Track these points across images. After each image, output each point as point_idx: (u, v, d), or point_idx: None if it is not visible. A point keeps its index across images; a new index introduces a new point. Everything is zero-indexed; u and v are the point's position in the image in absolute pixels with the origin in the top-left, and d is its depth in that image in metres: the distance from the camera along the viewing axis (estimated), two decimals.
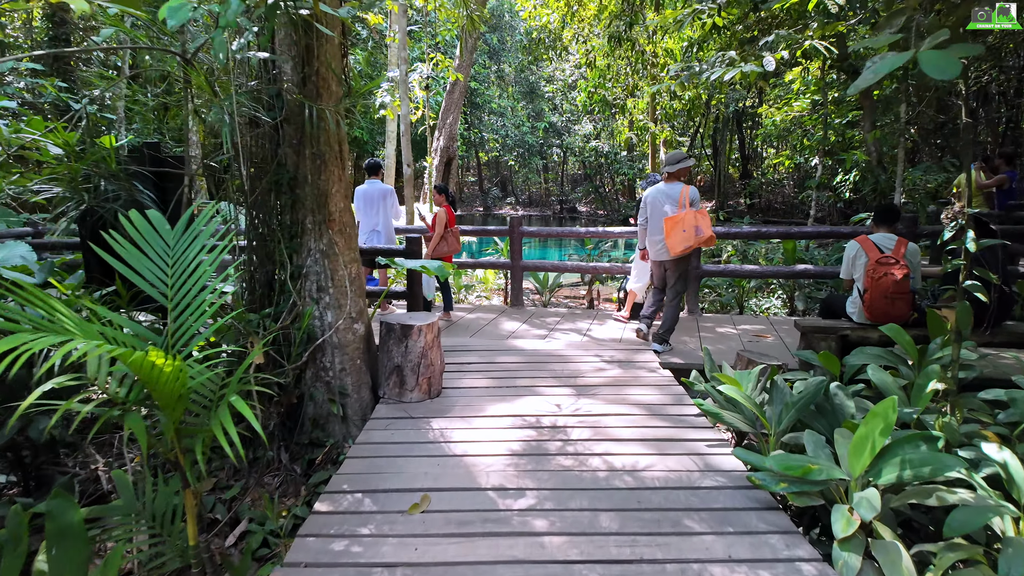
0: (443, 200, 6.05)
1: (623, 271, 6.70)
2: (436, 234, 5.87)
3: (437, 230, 5.87)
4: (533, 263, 6.90)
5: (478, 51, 26.38)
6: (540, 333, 5.79)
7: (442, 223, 5.86)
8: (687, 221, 4.64)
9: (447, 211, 5.93)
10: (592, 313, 6.78)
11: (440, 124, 12.21)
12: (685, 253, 4.74)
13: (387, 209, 6.31)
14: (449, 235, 5.94)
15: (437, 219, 5.88)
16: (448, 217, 5.95)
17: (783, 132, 17.54)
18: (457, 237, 6.06)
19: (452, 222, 6.03)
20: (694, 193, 4.81)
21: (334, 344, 3.56)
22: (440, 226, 5.86)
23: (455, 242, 6.02)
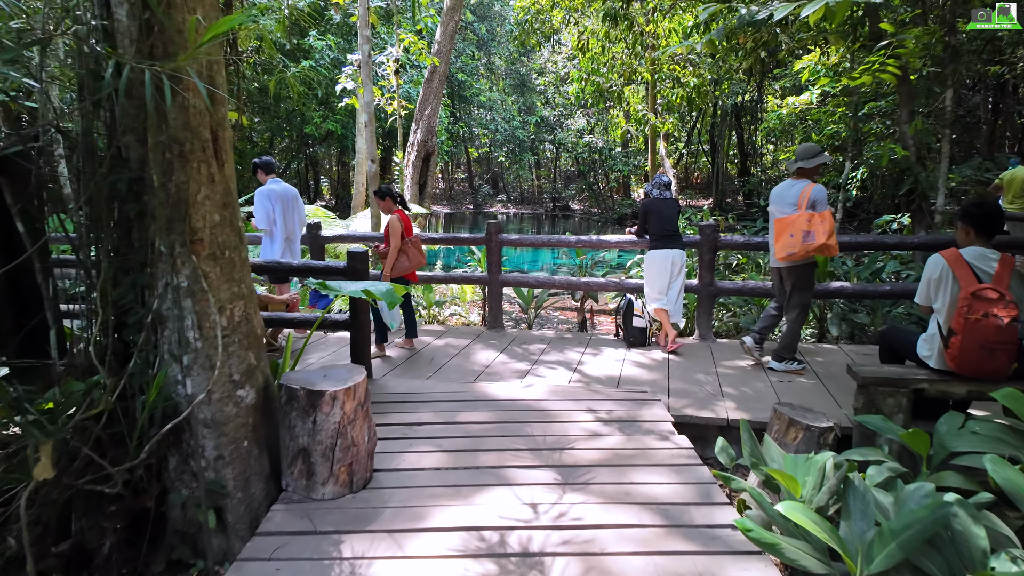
0: (392, 205, 4.91)
1: (622, 288, 5.59)
2: (392, 247, 4.74)
3: (392, 243, 4.74)
4: (514, 278, 5.80)
5: (466, 42, 25.18)
6: (520, 368, 4.68)
7: (397, 233, 4.74)
8: (797, 225, 4.12)
9: (401, 217, 4.80)
10: (584, 337, 5.68)
11: (418, 116, 11.07)
12: (792, 261, 4.24)
13: (301, 215, 5.32)
14: (409, 247, 4.82)
15: (390, 229, 4.75)
16: (404, 224, 4.82)
17: (788, 126, 16.45)
18: (419, 248, 4.94)
19: (410, 230, 4.91)
20: (818, 193, 4.17)
21: (205, 421, 2.44)
22: (395, 237, 4.74)
23: (418, 254, 4.89)
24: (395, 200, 4.93)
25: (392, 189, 4.95)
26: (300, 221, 5.46)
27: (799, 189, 4.25)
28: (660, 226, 5.12)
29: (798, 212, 4.18)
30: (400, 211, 4.87)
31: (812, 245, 4.06)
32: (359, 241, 6.03)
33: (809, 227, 4.08)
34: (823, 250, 4.09)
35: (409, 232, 4.89)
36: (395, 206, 4.91)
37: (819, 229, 4.06)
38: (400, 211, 4.87)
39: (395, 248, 4.73)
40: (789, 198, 4.30)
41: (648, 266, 5.20)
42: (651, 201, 5.23)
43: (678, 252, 5.08)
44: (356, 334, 4.21)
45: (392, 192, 4.92)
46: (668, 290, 5.13)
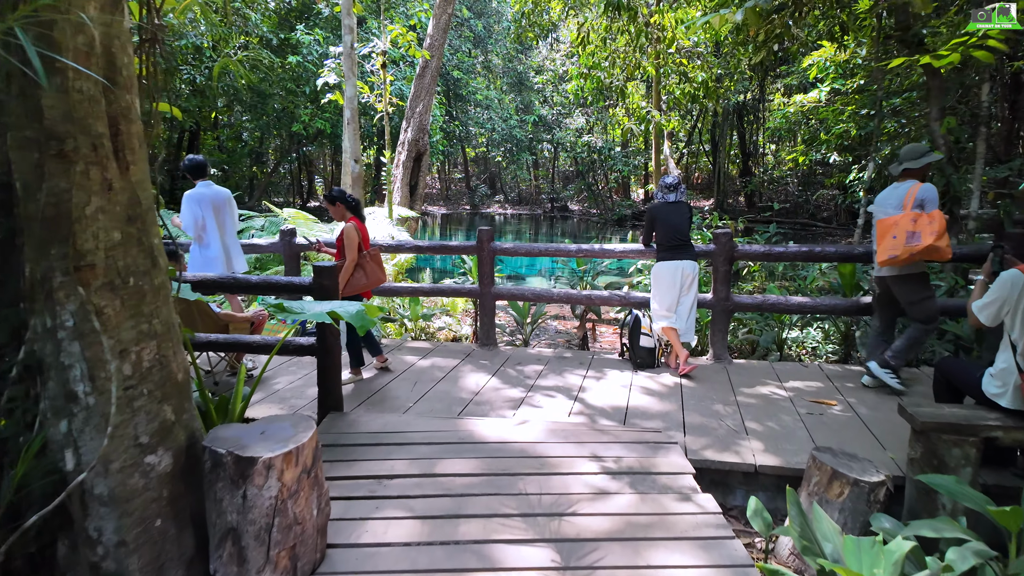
0: (344, 211, 4.32)
1: (627, 303, 5.04)
2: (349, 261, 4.16)
3: (348, 256, 4.16)
4: (508, 291, 5.25)
5: (462, 39, 24.62)
6: (513, 396, 4.13)
7: (353, 245, 4.16)
8: (900, 225, 3.76)
9: (357, 226, 4.23)
10: (586, 357, 5.13)
11: (408, 113, 10.50)
12: (896, 268, 3.91)
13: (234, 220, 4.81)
14: (366, 261, 4.25)
15: (344, 240, 4.16)
16: (361, 235, 4.25)
17: (793, 125, 15.93)
18: (379, 262, 4.37)
19: (367, 241, 4.34)
20: (926, 192, 3.80)
21: (102, 497, 1.88)
22: (351, 249, 4.15)
23: (376, 270, 4.32)
24: (349, 206, 4.32)
25: (345, 193, 4.34)
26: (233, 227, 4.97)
27: (905, 189, 3.88)
28: (667, 234, 4.58)
29: (903, 212, 3.80)
30: (355, 219, 4.28)
31: (917, 247, 3.65)
32: None
33: (915, 227, 3.69)
34: (931, 253, 3.67)
35: (366, 243, 4.32)
36: (348, 213, 4.31)
37: (926, 230, 3.66)
38: (355, 219, 4.28)
39: (351, 262, 4.15)
40: (893, 200, 3.92)
41: (655, 280, 4.66)
42: (656, 206, 4.69)
43: (688, 263, 4.55)
44: (324, 360, 3.65)
45: (345, 196, 4.31)
46: (678, 306, 4.59)
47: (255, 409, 3.92)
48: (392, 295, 5.50)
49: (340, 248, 4.25)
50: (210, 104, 14.86)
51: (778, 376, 4.58)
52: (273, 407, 3.98)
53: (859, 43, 11.24)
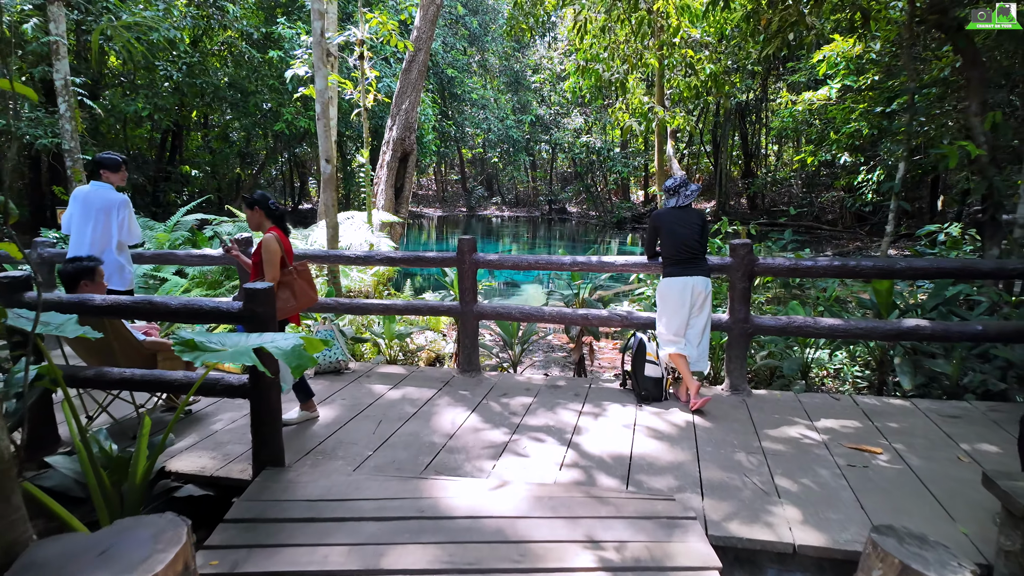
0: (263, 218, 3.60)
1: (630, 324, 4.37)
2: (267, 275, 3.44)
3: (267, 272, 3.43)
4: (493, 309, 4.56)
5: (457, 37, 23.97)
6: (494, 441, 3.45)
7: (273, 260, 3.44)
8: None
9: (278, 237, 3.52)
10: (582, 385, 4.45)
11: (394, 111, 9.83)
12: None
13: (118, 228, 4.20)
14: (293, 279, 3.55)
15: (263, 253, 3.44)
16: (284, 248, 3.55)
17: (800, 125, 15.28)
18: (309, 280, 3.68)
19: (291, 254, 3.65)
20: None
21: None
22: (271, 265, 3.42)
23: (307, 288, 3.63)
24: (271, 213, 3.57)
25: (268, 197, 3.60)
26: (109, 236, 4.25)
27: None
28: (674, 246, 3.92)
29: None
30: (277, 230, 3.56)
31: None
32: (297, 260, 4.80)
33: None
34: None
35: (291, 257, 3.62)
36: (268, 222, 3.58)
37: None
38: (277, 230, 3.56)
39: (271, 278, 3.43)
40: None
41: (661, 299, 3.99)
42: (661, 213, 4.03)
43: (700, 280, 3.88)
44: (259, 404, 2.97)
45: (266, 201, 3.57)
46: (688, 329, 3.93)
47: (180, 460, 3.24)
48: (363, 312, 4.83)
49: (256, 263, 3.54)
50: (191, 103, 14.20)
51: (807, 412, 3.91)
52: (203, 456, 3.30)
53: (874, 37, 10.60)
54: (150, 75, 13.42)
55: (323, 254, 4.78)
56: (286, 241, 3.60)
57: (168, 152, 17.94)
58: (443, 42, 21.31)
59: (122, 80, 14.60)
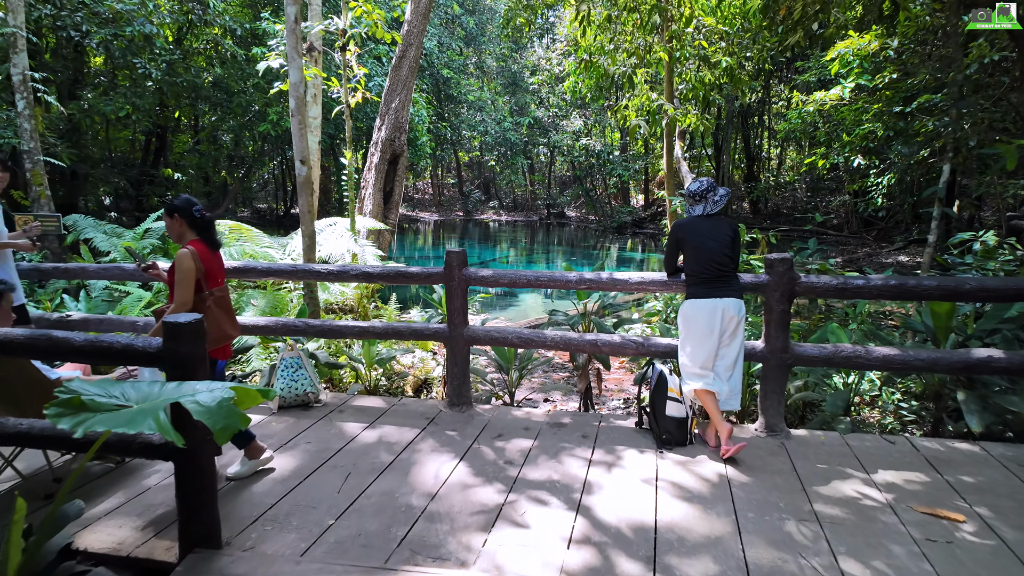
0: (184, 228, 2.94)
1: (647, 352, 3.73)
2: (178, 302, 2.80)
3: (177, 295, 2.80)
4: (486, 332, 3.92)
5: (453, 37, 23.38)
6: (485, 505, 2.80)
7: (187, 280, 2.80)
8: None
9: (196, 253, 2.86)
10: (591, 424, 3.81)
11: (383, 110, 9.20)
12: None
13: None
14: (207, 305, 2.89)
15: (176, 271, 2.81)
16: (204, 265, 2.89)
17: (808, 126, 14.68)
18: (227, 307, 3.03)
19: (216, 275, 3.00)
20: None
21: None
22: (183, 287, 2.79)
23: (223, 319, 2.96)
24: (193, 223, 2.92)
25: (192, 204, 2.94)
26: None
27: None
28: (701, 262, 3.30)
29: None
30: (198, 243, 2.92)
31: None
32: (263, 275, 4.16)
33: None
34: None
35: (215, 277, 2.97)
36: (190, 232, 2.94)
37: None
38: (198, 243, 2.92)
39: (181, 303, 2.79)
40: None
41: (684, 324, 3.36)
42: (684, 224, 3.41)
43: (732, 302, 3.26)
44: (186, 467, 2.33)
45: (189, 209, 2.91)
46: (716, 360, 3.30)
47: (95, 531, 2.59)
48: (336, 336, 4.18)
49: (171, 280, 2.89)
50: (172, 103, 13.56)
51: (859, 460, 3.27)
52: (126, 525, 2.65)
53: (891, 33, 10.02)
54: (131, 74, 12.78)
55: (288, 269, 4.13)
56: (210, 257, 2.94)
57: (153, 155, 17.29)
58: (439, 42, 20.72)
59: (102, 79, 13.96)
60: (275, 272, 4.17)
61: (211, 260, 2.94)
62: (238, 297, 5.98)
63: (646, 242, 23.52)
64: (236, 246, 6.26)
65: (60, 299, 6.46)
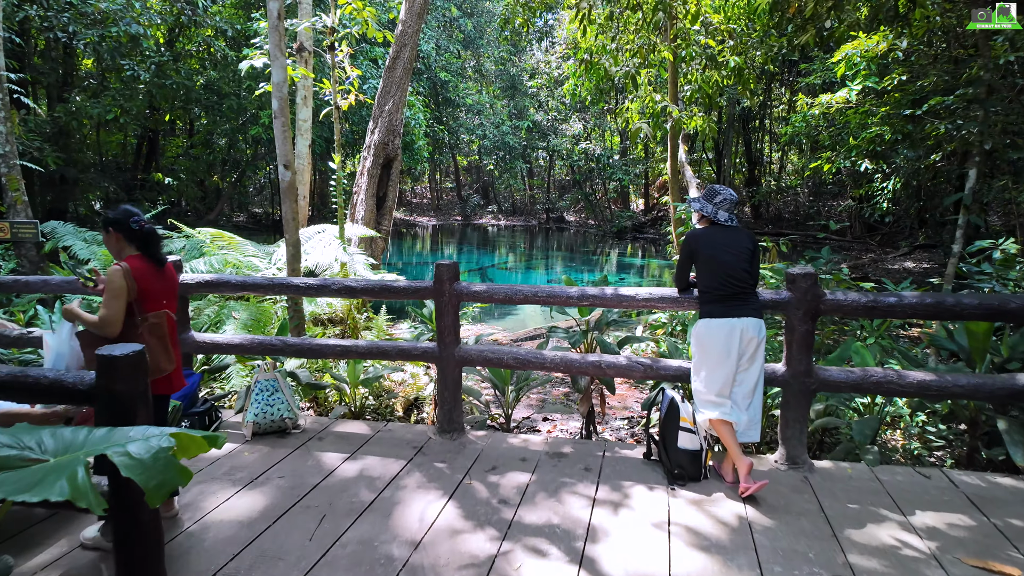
0: (122, 244, 2.58)
1: (656, 376, 3.40)
2: (99, 321, 2.45)
3: (100, 316, 2.44)
4: (479, 352, 3.59)
5: (451, 40, 23.12)
6: (475, 555, 2.47)
7: (115, 302, 2.44)
8: None
9: (135, 270, 2.51)
10: (594, 455, 3.47)
11: (376, 112, 8.89)
12: None
13: None
14: (141, 333, 2.53)
15: (107, 291, 2.45)
16: (139, 285, 2.52)
17: (813, 129, 14.38)
18: (161, 336, 2.59)
19: (161, 296, 2.62)
20: None
21: None
22: (110, 308, 2.43)
23: (158, 351, 2.56)
24: (131, 236, 2.57)
25: (131, 215, 2.58)
26: None
27: None
28: (717, 277, 2.98)
29: None
30: (137, 259, 2.56)
31: None
32: (237, 290, 3.83)
33: None
34: None
35: (155, 299, 2.58)
36: (129, 248, 2.59)
37: None
38: (137, 259, 2.56)
39: (103, 324, 2.42)
40: None
41: (699, 346, 3.02)
42: (698, 234, 3.09)
43: (751, 322, 2.93)
44: (122, 526, 1.99)
45: (126, 220, 2.56)
46: (734, 387, 2.97)
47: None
48: (315, 356, 3.85)
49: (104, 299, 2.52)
50: (162, 105, 13.23)
51: (893, 498, 2.94)
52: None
53: (900, 34, 9.73)
54: (120, 76, 12.47)
55: (265, 283, 3.80)
56: (150, 276, 2.58)
57: (144, 159, 16.98)
58: (436, 44, 20.45)
59: (91, 81, 13.65)
60: (250, 286, 3.84)
61: (151, 279, 2.58)
62: (219, 309, 5.65)
63: (646, 247, 23.22)
64: (218, 255, 5.94)
65: (35, 311, 6.14)
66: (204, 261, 5.71)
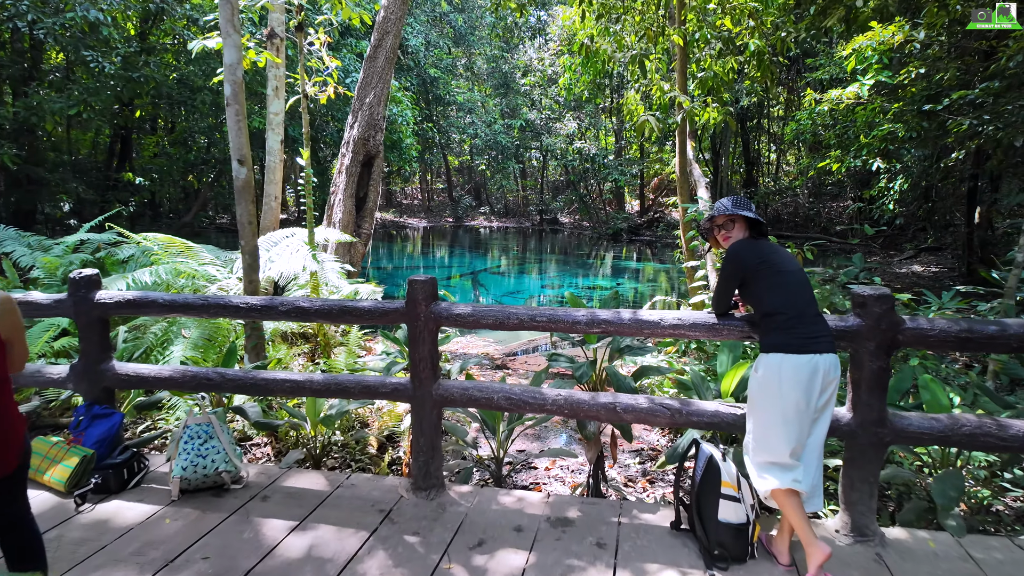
0: None
1: (685, 422, 2.69)
2: None
3: None
4: (462, 391, 2.87)
5: (442, 36, 22.39)
6: None
7: None
8: None
9: None
10: (607, 520, 2.76)
11: (356, 105, 8.17)
12: None
13: None
14: None
15: None
16: None
17: (819, 128, 13.78)
18: None
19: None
20: None
21: None
22: None
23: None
24: None
25: None
26: None
27: None
28: (789, 295, 2.29)
29: None
30: None
31: None
32: (164, 311, 3.10)
33: None
34: None
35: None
36: None
37: None
38: None
39: None
40: None
41: (767, 390, 2.29)
42: (747, 244, 2.41)
43: (833, 359, 2.26)
44: None
45: None
46: (807, 441, 2.29)
47: None
48: (261, 393, 3.12)
49: None
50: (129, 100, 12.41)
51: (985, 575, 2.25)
52: None
53: (915, 24, 9.11)
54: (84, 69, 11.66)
55: (198, 303, 3.06)
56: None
57: (118, 158, 16.13)
58: (425, 39, 19.71)
59: (56, 75, 12.82)
60: (180, 307, 3.11)
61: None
62: (168, 326, 4.91)
63: (642, 249, 22.55)
64: (167, 264, 5.19)
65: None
66: (151, 272, 4.96)
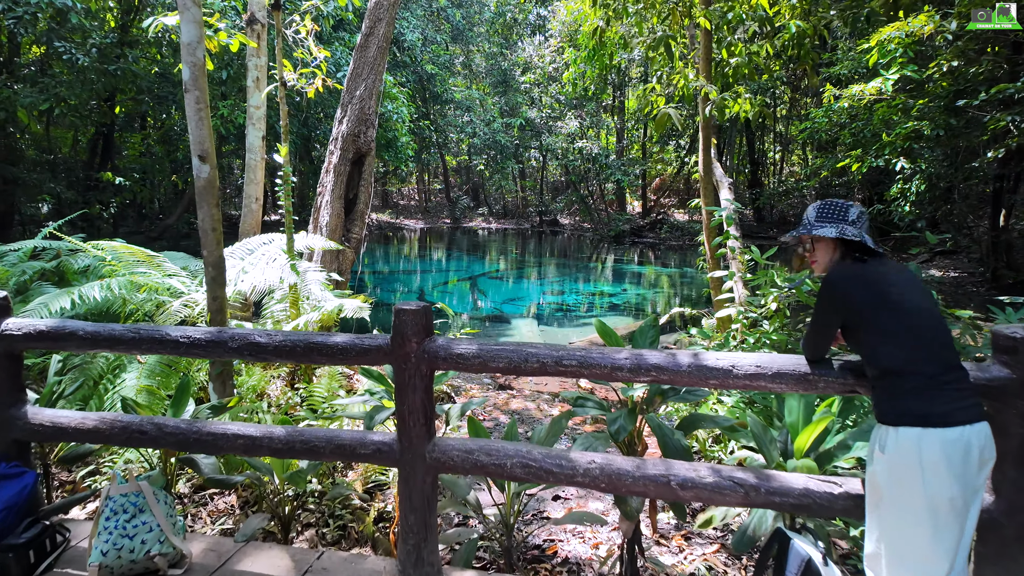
0: None
1: (770, 503, 2.01)
2: None
3: None
4: (467, 453, 2.21)
5: (440, 32, 21.71)
6: None
7: None
8: None
9: None
10: None
11: (345, 98, 7.50)
12: None
13: None
14: None
15: None
16: None
17: (835, 126, 13.14)
18: None
19: None
20: None
21: None
22: None
23: None
24: None
25: None
26: None
27: None
28: (919, 354, 1.64)
29: None
30: None
31: None
32: (86, 345, 2.42)
33: None
34: None
35: None
36: None
37: None
38: None
39: None
40: None
41: (900, 482, 1.60)
42: (854, 274, 1.74)
43: (983, 431, 1.59)
44: None
45: None
46: (960, 543, 1.62)
47: None
48: (210, 450, 2.44)
49: None
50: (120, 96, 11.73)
51: None
52: None
53: (945, 15, 8.49)
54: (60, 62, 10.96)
55: (128, 336, 2.39)
56: None
57: (100, 157, 15.41)
58: (423, 35, 19.04)
59: (31, 68, 12.12)
60: (105, 340, 2.43)
61: None
62: (117, 356, 4.22)
63: (645, 252, 21.91)
64: (123, 276, 4.50)
65: None
66: (102, 286, 4.28)
